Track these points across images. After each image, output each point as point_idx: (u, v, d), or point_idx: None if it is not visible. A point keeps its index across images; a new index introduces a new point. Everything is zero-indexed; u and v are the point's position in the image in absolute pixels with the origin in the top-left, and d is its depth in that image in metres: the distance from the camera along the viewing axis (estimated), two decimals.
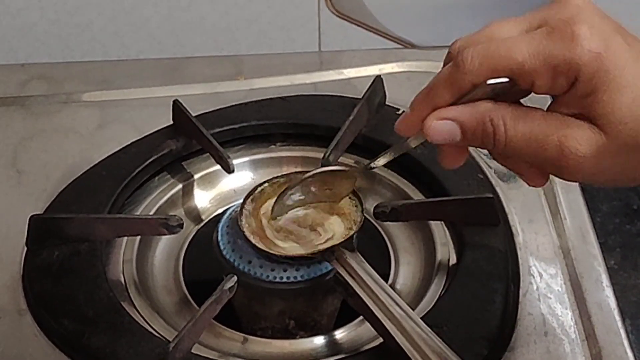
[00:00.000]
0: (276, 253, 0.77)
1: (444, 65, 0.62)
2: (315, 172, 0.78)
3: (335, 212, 0.81)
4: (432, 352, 0.70)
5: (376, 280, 0.75)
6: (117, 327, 0.76)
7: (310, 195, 0.80)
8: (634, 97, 0.57)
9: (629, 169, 0.60)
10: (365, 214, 0.81)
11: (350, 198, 0.81)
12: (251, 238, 0.78)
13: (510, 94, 0.61)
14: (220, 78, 1.09)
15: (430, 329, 0.71)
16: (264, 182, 0.83)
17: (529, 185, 0.66)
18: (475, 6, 1.12)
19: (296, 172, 0.85)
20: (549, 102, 0.61)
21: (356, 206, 0.81)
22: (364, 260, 0.76)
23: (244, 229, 0.79)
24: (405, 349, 0.71)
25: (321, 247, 0.77)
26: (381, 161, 0.73)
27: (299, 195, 0.79)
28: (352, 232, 0.78)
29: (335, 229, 0.79)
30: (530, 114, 0.60)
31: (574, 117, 0.59)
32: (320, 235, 0.79)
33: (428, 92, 0.62)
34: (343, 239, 0.77)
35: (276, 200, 0.79)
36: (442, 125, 0.61)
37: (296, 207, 0.80)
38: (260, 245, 0.78)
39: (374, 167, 0.74)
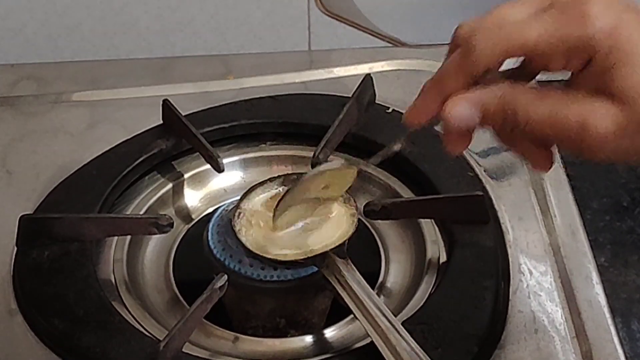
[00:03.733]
0: (268, 257, 0.77)
1: (448, 53, 0.62)
2: (314, 172, 0.77)
3: (329, 217, 0.80)
4: None
5: (365, 290, 0.75)
6: (107, 326, 0.76)
7: (308, 195, 0.79)
8: None
9: None
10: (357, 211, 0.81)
11: (345, 203, 0.81)
12: (243, 239, 0.78)
13: (521, 75, 0.60)
14: (210, 77, 1.09)
15: (417, 344, 0.71)
16: (259, 183, 0.83)
17: (534, 170, 0.65)
18: (464, 4, 1.12)
19: (289, 174, 0.84)
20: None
21: (351, 213, 0.80)
22: (354, 268, 0.76)
23: (238, 232, 0.78)
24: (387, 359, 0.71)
25: (311, 253, 0.77)
26: (380, 158, 0.72)
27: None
28: (343, 239, 0.78)
29: (328, 234, 0.79)
30: (550, 94, 0.59)
31: (592, 95, 0.58)
32: (313, 239, 0.79)
33: (438, 80, 0.62)
34: (334, 246, 0.77)
35: (277, 206, 0.78)
36: (462, 110, 0.60)
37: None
38: (252, 248, 0.77)
39: (374, 163, 0.73)
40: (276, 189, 0.82)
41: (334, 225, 0.79)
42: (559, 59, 0.58)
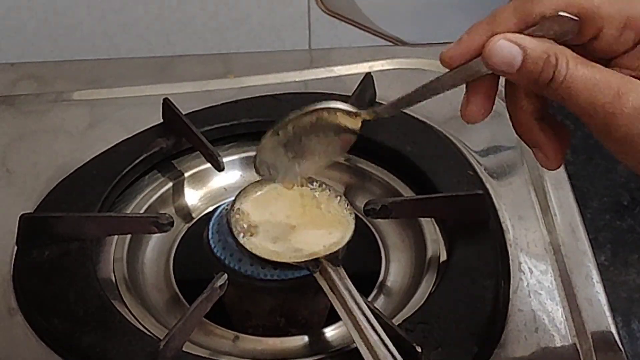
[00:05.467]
0: (263, 256, 0.77)
1: None
2: (310, 108, 0.73)
3: (326, 219, 0.80)
4: None
5: (355, 299, 0.74)
6: (107, 325, 0.76)
7: (300, 142, 0.75)
8: None
9: None
10: (355, 215, 0.81)
11: (343, 205, 0.81)
12: (239, 238, 0.78)
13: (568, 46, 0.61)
14: (210, 76, 1.09)
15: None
16: (256, 182, 0.82)
17: (542, 165, 0.65)
18: (464, 3, 1.12)
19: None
20: None
21: (348, 217, 0.80)
22: (346, 277, 0.76)
23: (234, 230, 0.78)
24: None
25: (305, 258, 0.77)
26: (390, 109, 0.71)
27: (288, 139, 0.75)
28: (339, 247, 0.78)
29: (324, 237, 0.79)
30: (592, 62, 0.59)
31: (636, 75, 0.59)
32: (308, 241, 0.78)
33: (491, 17, 0.61)
34: (329, 252, 0.77)
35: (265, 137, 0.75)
36: (507, 46, 0.60)
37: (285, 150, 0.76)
38: (248, 247, 0.77)
39: (382, 115, 0.72)
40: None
41: (330, 228, 0.79)
42: (615, 28, 0.58)
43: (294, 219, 0.80)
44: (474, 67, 0.63)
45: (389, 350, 0.71)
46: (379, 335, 0.72)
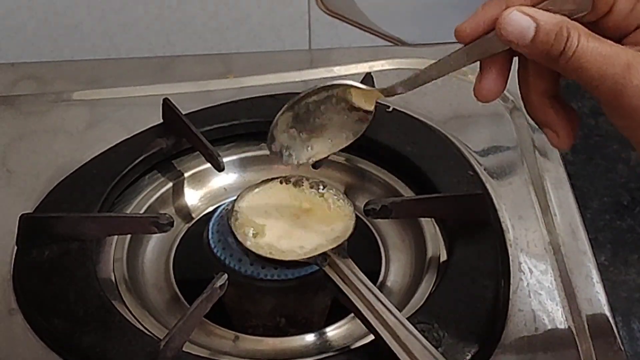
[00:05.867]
0: (266, 256, 0.77)
1: None
2: (325, 85, 0.74)
3: (327, 215, 0.80)
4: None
5: (368, 286, 0.75)
6: (107, 325, 0.76)
7: (314, 122, 0.76)
8: None
9: None
10: (355, 212, 0.81)
11: (343, 201, 0.81)
12: (239, 236, 0.78)
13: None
14: (210, 76, 1.09)
15: (425, 338, 0.72)
16: (257, 184, 0.83)
17: (553, 145, 0.66)
18: (464, 3, 1.12)
19: (283, 177, 0.84)
20: None
21: (349, 212, 0.81)
22: (356, 267, 0.76)
23: (234, 229, 0.78)
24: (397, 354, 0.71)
25: (311, 254, 0.77)
26: (404, 86, 0.70)
27: (301, 117, 0.76)
28: (342, 240, 0.78)
29: (327, 233, 0.79)
30: (603, 38, 0.61)
31: None
32: (312, 238, 0.79)
33: None
34: (334, 246, 0.77)
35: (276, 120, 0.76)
36: (520, 18, 0.61)
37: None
38: (255, 249, 0.77)
39: (395, 92, 0.71)
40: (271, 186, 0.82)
41: (332, 224, 0.79)
42: (626, 2, 0.60)
43: (294, 217, 0.80)
44: (488, 42, 0.64)
45: (410, 332, 0.72)
46: (398, 319, 0.72)
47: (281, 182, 0.82)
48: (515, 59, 0.67)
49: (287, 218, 0.80)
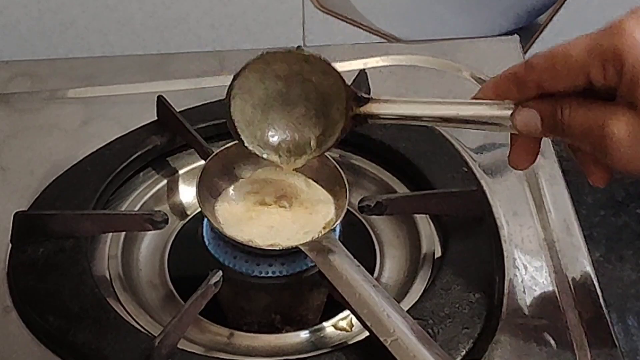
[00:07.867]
0: (255, 246, 0.77)
1: None
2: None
3: (315, 205, 0.80)
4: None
5: (362, 274, 0.75)
6: (102, 322, 0.76)
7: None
8: None
9: None
10: (349, 208, 0.81)
11: (332, 190, 0.81)
12: (221, 228, 0.78)
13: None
14: (205, 74, 1.08)
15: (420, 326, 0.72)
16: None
17: (593, 184, 0.71)
18: (458, 0, 1.12)
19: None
20: None
21: (338, 201, 0.81)
22: (348, 253, 0.76)
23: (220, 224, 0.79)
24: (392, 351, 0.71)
25: (301, 241, 0.77)
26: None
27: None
28: (334, 224, 0.78)
29: (315, 222, 0.79)
30: (588, 103, 0.65)
31: (620, 104, 0.64)
32: (298, 227, 0.79)
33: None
34: (323, 232, 0.77)
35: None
36: (527, 114, 0.68)
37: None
38: (240, 239, 0.77)
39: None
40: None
41: (321, 213, 0.80)
42: (597, 69, 0.63)
43: (279, 208, 0.80)
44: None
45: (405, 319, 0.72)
46: (393, 308, 0.73)
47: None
48: None
49: (272, 209, 0.80)
